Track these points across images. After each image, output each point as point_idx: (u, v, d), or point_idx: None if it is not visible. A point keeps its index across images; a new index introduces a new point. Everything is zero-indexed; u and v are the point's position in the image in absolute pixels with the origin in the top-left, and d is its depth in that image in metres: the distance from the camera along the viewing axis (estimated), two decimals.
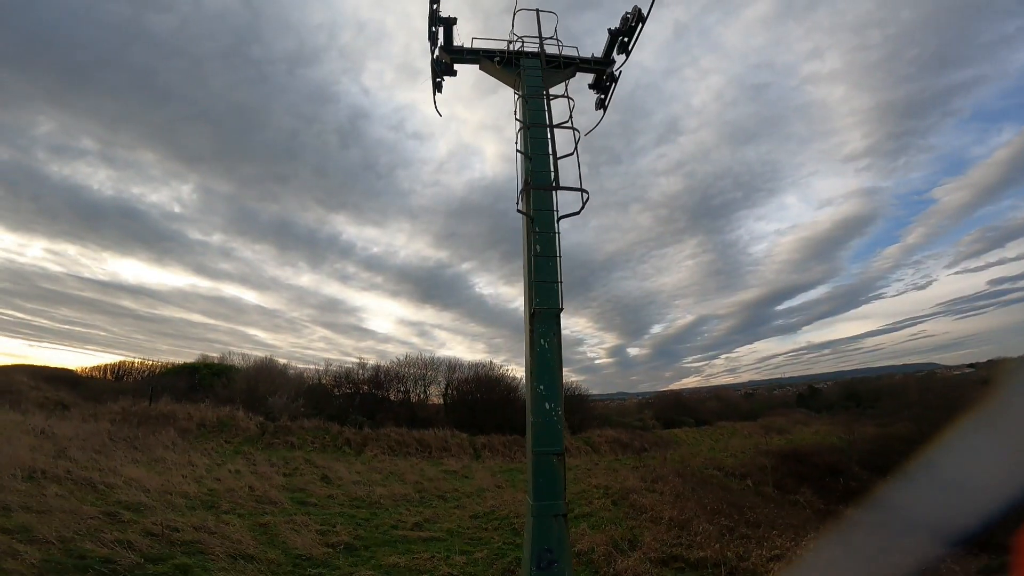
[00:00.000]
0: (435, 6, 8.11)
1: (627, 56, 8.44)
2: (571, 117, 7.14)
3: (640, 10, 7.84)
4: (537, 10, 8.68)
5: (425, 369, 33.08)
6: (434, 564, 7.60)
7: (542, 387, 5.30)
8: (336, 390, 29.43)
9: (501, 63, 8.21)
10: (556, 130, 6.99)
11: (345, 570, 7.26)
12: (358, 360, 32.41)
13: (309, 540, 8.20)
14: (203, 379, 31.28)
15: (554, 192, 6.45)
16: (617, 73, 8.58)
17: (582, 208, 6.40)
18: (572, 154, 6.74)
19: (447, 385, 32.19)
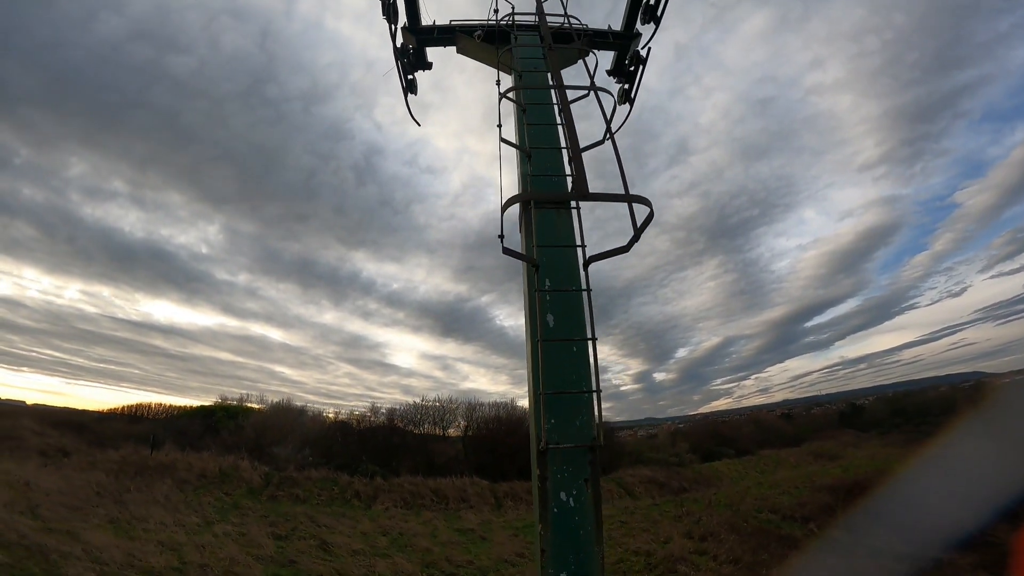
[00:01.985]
0: None
1: (656, 25, 6.32)
2: (592, 84, 4.58)
3: None
4: None
5: (444, 410, 31.63)
6: None
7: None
8: (348, 437, 27.87)
9: (483, 38, 6.17)
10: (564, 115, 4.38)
11: None
12: (371, 405, 31.26)
13: None
14: (219, 421, 30.23)
15: (575, 212, 3.69)
16: (644, 52, 6.44)
17: (639, 233, 3.40)
18: (607, 139, 4.07)
19: (467, 426, 30.50)
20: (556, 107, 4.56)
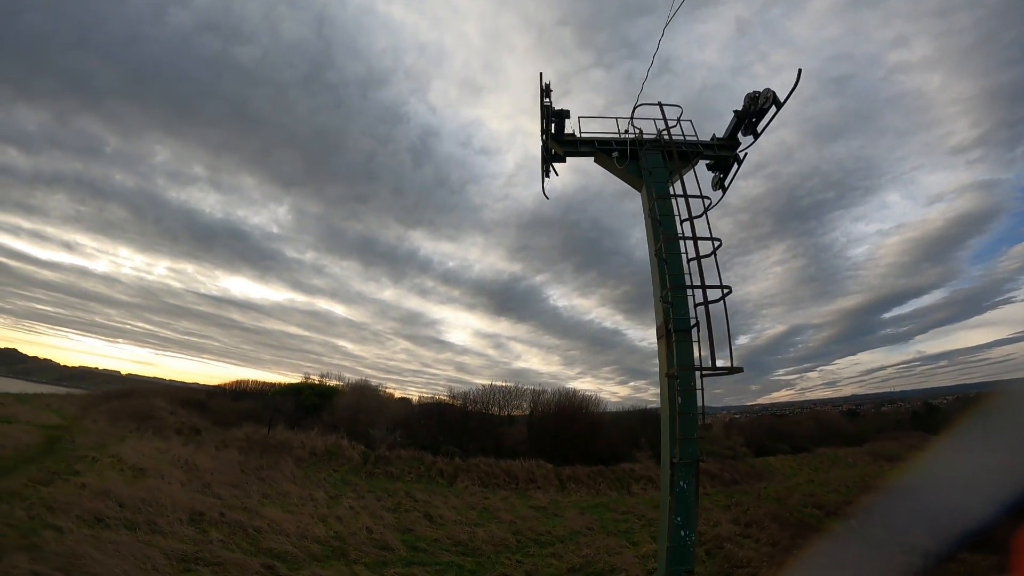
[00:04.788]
0: (547, 100, 8.47)
1: (755, 138, 8.23)
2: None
3: (775, 95, 7.66)
4: (660, 104, 8.69)
5: (511, 394, 34.51)
6: None
7: (679, 519, 6.10)
8: (428, 419, 31.13)
9: (620, 158, 8.27)
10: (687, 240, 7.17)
11: None
12: (449, 390, 34.74)
13: None
14: (307, 399, 34.37)
15: (695, 342, 6.71)
16: (742, 155, 8.45)
17: (732, 372, 6.54)
18: (722, 299, 6.76)
19: (531, 412, 33.11)
20: (678, 218, 7.43)
